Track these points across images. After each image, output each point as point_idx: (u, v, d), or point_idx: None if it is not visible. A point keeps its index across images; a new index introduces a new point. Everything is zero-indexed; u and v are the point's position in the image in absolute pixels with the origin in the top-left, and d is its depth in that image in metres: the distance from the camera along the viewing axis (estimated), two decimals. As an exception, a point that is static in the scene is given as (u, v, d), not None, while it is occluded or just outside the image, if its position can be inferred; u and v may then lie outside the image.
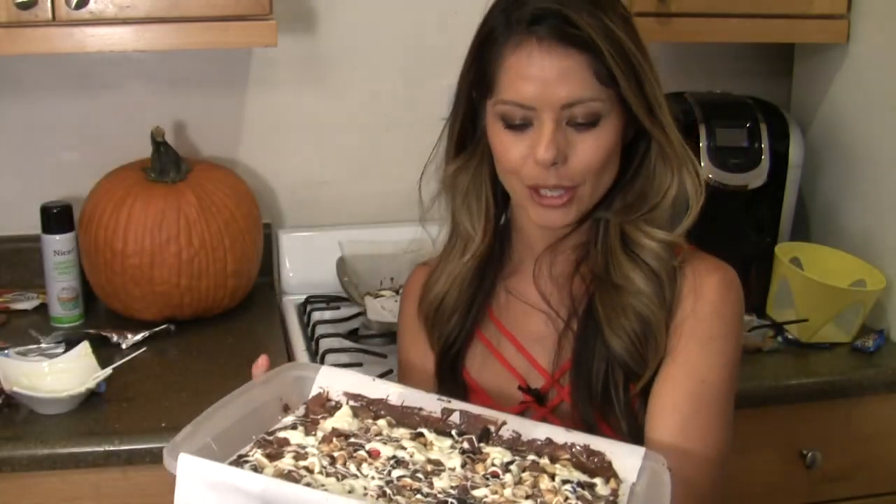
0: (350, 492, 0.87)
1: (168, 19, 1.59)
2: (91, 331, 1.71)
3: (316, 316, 1.86)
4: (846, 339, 1.76)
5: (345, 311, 1.87)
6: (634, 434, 1.09)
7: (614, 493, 0.94)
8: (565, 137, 1.06)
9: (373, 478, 0.90)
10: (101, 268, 1.76)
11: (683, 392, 1.08)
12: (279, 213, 2.06)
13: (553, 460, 0.98)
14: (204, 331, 1.78)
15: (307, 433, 0.98)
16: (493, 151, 1.12)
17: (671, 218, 1.15)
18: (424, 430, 1.00)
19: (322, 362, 1.65)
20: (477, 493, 0.89)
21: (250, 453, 0.93)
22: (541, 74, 1.04)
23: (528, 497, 0.90)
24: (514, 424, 1.02)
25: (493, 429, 1.02)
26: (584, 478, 0.95)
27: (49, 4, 1.53)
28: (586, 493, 0.92)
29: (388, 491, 0.88)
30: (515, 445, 1.01)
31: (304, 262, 2.01)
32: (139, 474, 1.42)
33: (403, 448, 0.96)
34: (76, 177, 1.89)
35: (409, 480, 0.90)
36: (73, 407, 1.46)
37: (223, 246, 1.77)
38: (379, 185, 2.05)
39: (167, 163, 1.79)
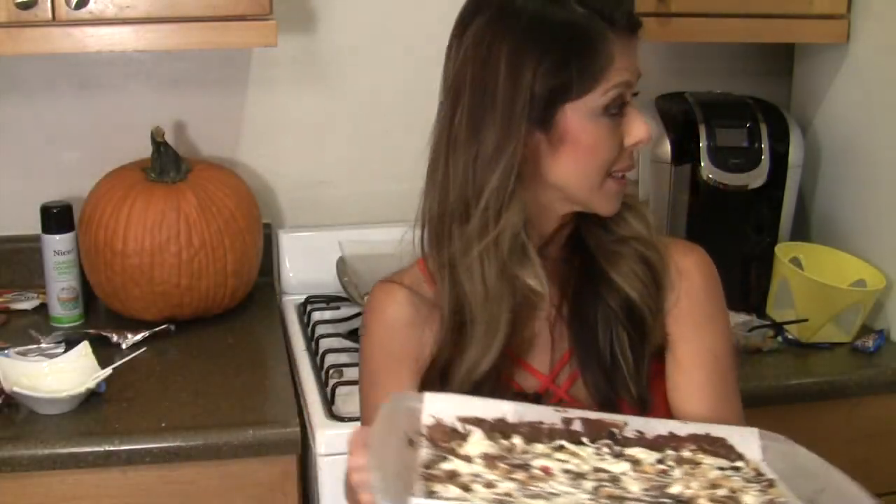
0: None
1: (168, 19, 1.59)
2: (91, 331, 1.71)
3: (316, 316, 1.86)
4: (846, 339, 1.76)
5: (345, 311, 1.87)
6: (643, 399, 1.11)
7: (757, 472, 0.96)
8: None
9: (570, 494, 0.87)
10: (101, 268, 1.76)
11: (704, 371, 1.13)
12: (279, 213, 2.06)
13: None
14: (204, 331, 1.78)
15: (470, 461, 0.93)
16: (587, 148, 1.06)
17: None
18: (564, 443, 0.98)
19: (322, 362, 1.65)
20: (672, 490, 0.90)
21: (440, 489, 0.86)
22: (634, 58, 1.08)
23: (713, 486, 0.91)
24: (636, 424, 1.02)
25: (617, 432, 1.02)
26: (726, 463, 0.97)
27: (49, 4, 1.53)
28: (743, 476, 0.94)
29: (605, 502, 0.86)
30: (646, 444, 1.00)
31: (304, 262, 2.01)
32: (139, 474, 1.42)
33: (565, 461, 0.94)
34: (76, 177, 1.89)
35: (608, 489, 0.88)
36: (73, 407, 1.46)
37: (223, 246, 1.77)
38: (379, 185, 2.05)
39: (167, 163, 1.79)
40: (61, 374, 1.51)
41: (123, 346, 1.68)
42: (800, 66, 2.11)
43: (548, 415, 1.01)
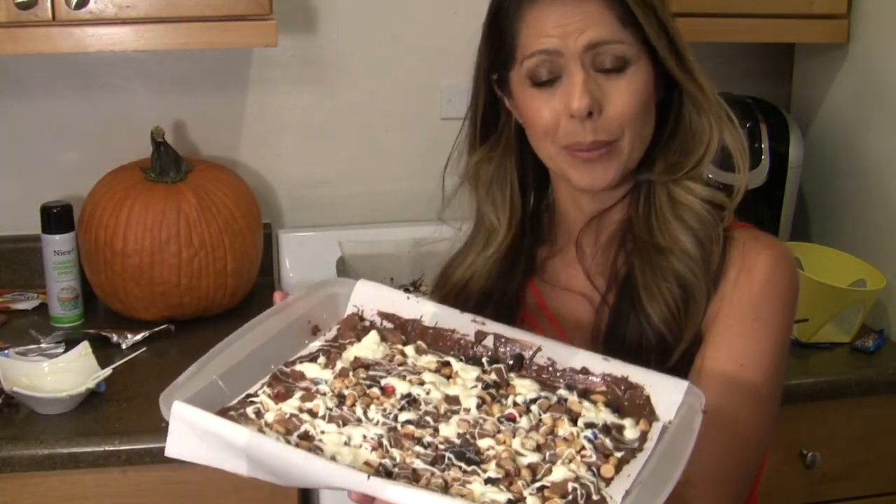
0: (346, 442, 0.83)
1: (168, 19, 1.59)
2: (91, 331, 1.71)
3: (316, 316, 1.86)
4: (846, 339, 1.76)
5: (345, 311, 1.87)
6: None
7: (643, 435, 0.85)
8: (597, 85, 1.03)
9: (377, 423, 0.85)
10: (101, 268, 1.76)
11: (717, 378, 1.02)
12: (279, 213, 2.06)
13: (585, 394, 0.91)
14: (204, 331, 1.78)
15: (326, 365, 0.93)
16: (525, 118, 1.09)
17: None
18: (452, 360, 0.95)
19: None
20: (482, 443, 0.83)
21: (258, 393, 0.89)
22: (562, 22, 1.02)
23: (537, 448, 0.83)
24: (550, 350, 0.95)
25: (527, 355, 0.96)
26: (612, 419, 0.87)
27: (49, 4, 1.53)
28: (607, 441, 0.84)
29: (386, 442, 0.82)
30: (548, 376, 0.94)
31: (304, 262, 2.01)
32: (139, 474, 1.42)
33: (422, 383, 0.90)
34: (76, 177, 1.89)
35: (412, 428, 0.84)
36: (73, 407, 1.46)
37: (223, 246, 1.77)
38: (379, 185, 2.05)
39: (167, 163, 1.79)
40: (61, 374, 1.51)
41: (123, 346, 1.68)
42: (800, 66, 2.11)
43: (464, 325, 0.99)
